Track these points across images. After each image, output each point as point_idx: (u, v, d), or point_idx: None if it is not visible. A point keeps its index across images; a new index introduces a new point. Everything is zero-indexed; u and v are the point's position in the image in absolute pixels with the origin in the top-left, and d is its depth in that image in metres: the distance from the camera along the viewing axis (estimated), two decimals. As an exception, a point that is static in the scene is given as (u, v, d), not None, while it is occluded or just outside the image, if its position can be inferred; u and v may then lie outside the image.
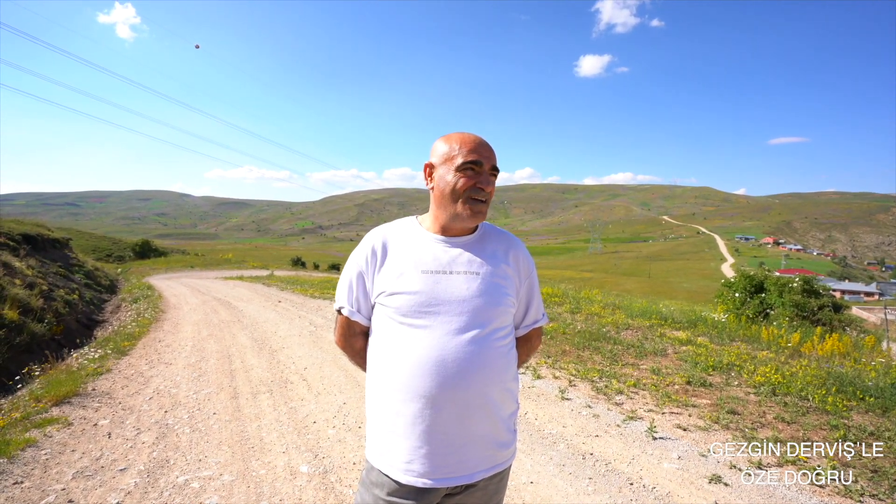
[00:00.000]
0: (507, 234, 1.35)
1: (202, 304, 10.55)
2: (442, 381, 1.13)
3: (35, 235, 13.98)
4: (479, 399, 1.16)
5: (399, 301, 1.19)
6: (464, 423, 1.15)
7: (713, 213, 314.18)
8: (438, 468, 1.15)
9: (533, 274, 1.36)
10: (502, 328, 1.23)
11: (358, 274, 1.28)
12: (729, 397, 3.97)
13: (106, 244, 40.21)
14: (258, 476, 2.81)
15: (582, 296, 9.87)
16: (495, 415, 1.19)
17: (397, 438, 1.17)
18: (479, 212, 1.22)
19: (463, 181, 1.20)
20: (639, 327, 6.75)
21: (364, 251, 1.28)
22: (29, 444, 3.21)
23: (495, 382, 1.19)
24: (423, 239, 1.26)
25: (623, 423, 3.51)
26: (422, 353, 1.15)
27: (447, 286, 1.19)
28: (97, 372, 5.01)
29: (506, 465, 1.25)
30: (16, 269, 9.17)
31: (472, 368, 1.15)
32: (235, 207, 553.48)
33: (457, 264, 1.22)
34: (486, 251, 1.27)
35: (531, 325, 1.38)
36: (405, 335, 1.18)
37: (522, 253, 1.33)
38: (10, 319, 6.58)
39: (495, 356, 1.19)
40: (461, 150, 1.21)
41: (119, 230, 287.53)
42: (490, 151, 1.24)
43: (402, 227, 1.30)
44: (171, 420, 3.70)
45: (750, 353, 5.35)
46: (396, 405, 1.17)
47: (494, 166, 1.25)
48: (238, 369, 5.15)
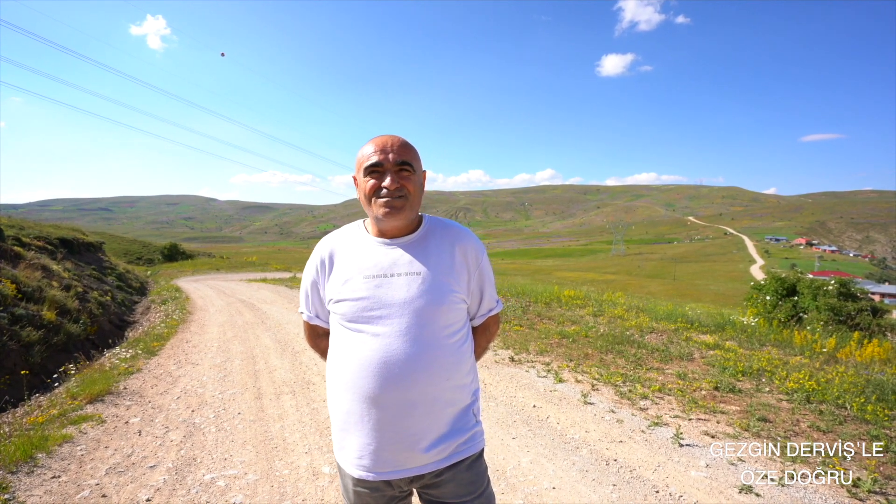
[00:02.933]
0: (452, 227, 1.35)
1: (227, 306, 10.81)
2: (384, 381, 1.18)
3: (71, 239, 14.60)
4: (424, 398, 1.20)
5: (345, 307, 1.25)
6: (409, 420, 1.19)
7: (741, 213, 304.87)
8: (386, 462, 1.21)
9: (483, 263, 1.35)
10: (449, 325, 1.25)
11: (312, 283, 1.37)
12: (759, 404, 3.83)
13: (136, 247, 41.70)
14: (281, 476, 2.85)
15: (604, 298, 9.70)
16: (442, 411, 1.23)
17: (349, 435, 1.24)
18: (393, 207, 1.23)
19: (370, 184, 1.24)
20: (664, 331, 6.59)
21: (314, 261, 1.35)
22: (66, 439, 3.35)
23: (442, 380, 1.22)
24: (366, 244, 1.30)
25: (648, 429, 3.42)
26: (367, 355, 1.20)
27: (388, 289, 1.23)
28: (128, 371, 5.19)
29: (465, 455, 1.26)
30: (53, 272, 9.59)
31: (416, 369, 1.18)
32: (259, 211, 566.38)
33: (398, 266, 1.25)
34: (429, 249, 1.28)
35: (486, 315, 1.40)
36: (352, 339, 1.23)
37: (470, 244, 1.32)
38: (49, 320, 6.88)
39: (442, 355, 1.22)
40: (366, 155, 1.25)
41: (149, 234, 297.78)
42: (395, 149, 1.24)
43: (349, 234, 1.35)
44: (198, 419, 3.80)
45: (782, 359, 5.15)
46: (347, 404, 1.23)
47: (403, 161, 1.23)
48: (262, 370, 5.25)
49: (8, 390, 4.97)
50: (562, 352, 5.66)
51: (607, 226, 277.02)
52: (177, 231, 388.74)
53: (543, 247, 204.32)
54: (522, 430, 3.45)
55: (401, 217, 1.25)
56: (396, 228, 1.28)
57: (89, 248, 16.01)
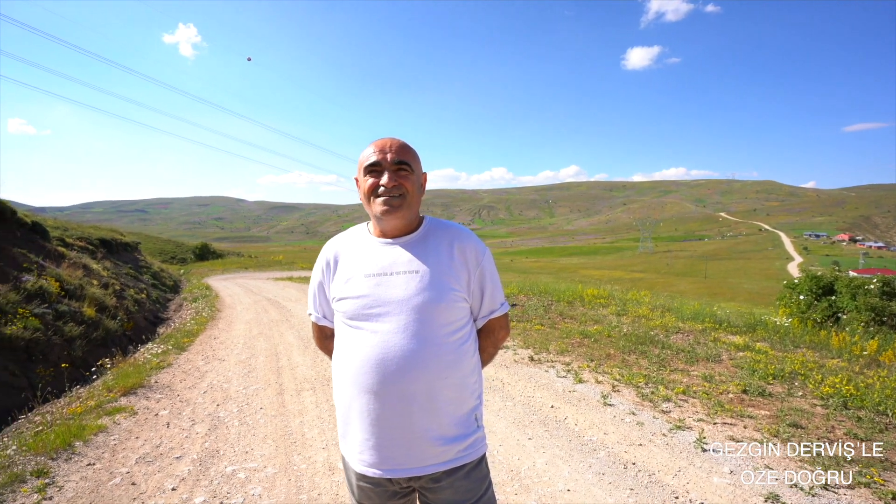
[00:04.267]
0: (452, 227, 1.36)
1: (254, 304, 11.12)
2: (384, 377, 1.19)
3: (109, 240, 15.30)
4: (423, 395, 1.20)
5: (346, 305, 1.28)
6: (407, 417, 1.20)
7: (777, 208, 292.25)
8: (385, 459, 1.22)
9: (484, 263, 1.34)
10: (449, 323, 1.25)
11: (318, 284, 1.42)
12: (791, 409, 3.67)
13: (170, 247, 43.38)
14: (299, 470, 2.92)
15: (629, 297, 9.48)
16: (442, 411, 1.22)
17: (352, 430, 1.27)
18: (391, 206, 1.25)
19: (369, 183, 1.27)
20: (690, 331, 6.39)
21: (320, 263, 1.39)
22: (101, 429, 3.53)
23: (441, 378, 1.22)
24: (368, 244, 1.33)
25: (670, 433, 3.33)
26: (367, 351, 1.22)
27: (388, 287, 1.25)
28: (159, 366, 5.41)
29: (464, 461, 1.25)
30: (93, 271, 10.08)
31: (414, 365, 1.19)
32: (286, 211, 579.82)
33: (397, 265, 1.27)
34: (429, 248, 1.30)
35: (488, 316, 1.38)
36: (354, 336, 1.26)
37: (470, 244, 1.33)
38: (89, 316, 7.24)
39: (441, 352, 1.22)
40: (366, 156, 1.28)
41: (181, 234, 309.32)
42: (393, 149, 1.27)
43: (353, 235, 1.38)
44: (223, 413, 3.92)
45: (817, 361, 4.91)
46: (349, 399, 1.26)
47: (400, 161, 1.26)
48: (284, 367, 5.38)
49: (52, 382, 5.26)
50: (583, 352, 5.57)
51: (634, 223, 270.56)
52: (208, 231, 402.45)
53: (568, 245, 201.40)
54: (539, 431, 3.42)
55: (398, 215, 1.26)
56: (396, 228, 1.30)
57: (126, 248, 16.75)
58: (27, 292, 6.32)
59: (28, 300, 6.21)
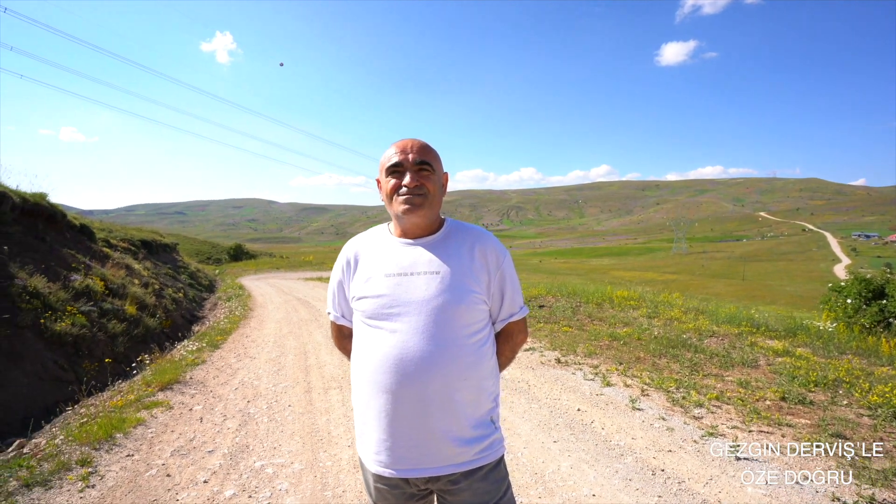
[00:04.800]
0: (473, 229, 1.36)
1: (284, 304, 11.42)
2: (402, 377, 1.20)
3: (150, 241, 16.06)
4: (440, 396, 1.20)
5: (366, 304, 1.28)
6: (424, 418, 1.20)
7: (823, 207, 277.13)
8: (401, 460, 1.22)
9: (505, 266, 1.33)
10: (468, 325, 1.25)
11: (338, 283, 1.42)
12: (835, 418, 3.46)
13: (206, 248, 45.13)
14: (325, 467, 2.97)
15: (660, 299, 9.20)
16: (459, 412, 1.22)
17: (369, 430, 1.26)
18: (413, 205, 1.25)
19: (391, 184, 1.28)
20: (725, 335, 6.14)
21: (341, 262, 1.40)
22: (140, 422, 3.70)
23: (459, 380, 1.21)
24: (389, 244, 1.33)
25: (701, 439, 3.21)
26: (385, 350, 1.22)
27: (408, 287, 1.25)
28: (194, 363, 5.63)
29: (483, 463, 1.24)
30: (135, 271, 10.61)
31: (432, 366, 1.19)
32: (316, 212, 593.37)
33: (418, 265, 1.27)
34: (450, 249, 1.30)
35: (507, 319, 1.37)
36: (372, 335, 1.26)
37: (490, 246, 1.32)
38: (130, 314, 7.62)
39: (460, 354, 1.22)
40: (388, 157, 1.29)
41: (217, 235, 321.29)
42: (414, 150, 1.28)
43: (374, 235, 1.39)
44: (253, 409, 4.05)
45: (864, 369, 4.62)
46: (366, 399, 1.26)
47: (422, 161, 1.27)
48: (312, 365, 5.50)
49: (96, 376, 5.56)
50: (611, 354, 5.44)
51: (668, 223, 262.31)
52: (241, 232, 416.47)
53: (599, 245, 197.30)
54: (565, 434, 3.36)
55: (420, 214, 1.26)
56: (417, 228, 1.30)
57: (165, 249, 17.54)
58: (75, 291, 6.70)
59: (76, 298, 6.59)
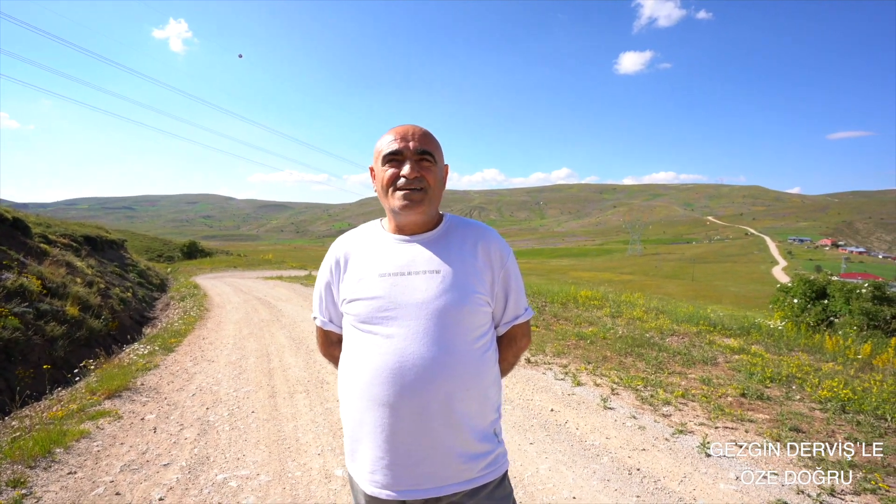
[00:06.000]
0: (475, 225, 1.26)
1: (244, 304, 10.91)
2: (400, 389, 1.08)
3: (95, 237, 14.94)
4: (442, 408, 1.09)
5: (358, 307, 1.16)
6: (426, 433, 1.09)
7: (763, 213, 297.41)
8: (401, 480, 1.11)
9: (509, 264, 1.24)
10: (472, 329, 1.15)
11: (326, 285, 1.29)
12: (791, 413, 3.64)
13: (157, 245, 42.62)
14: (294, 478, 2.80)
15: (623, 299, 9.49)
16: (463, 425, 1.12)
17: (362, 447, 1.15)
18: (411, 199, 1.14)
19: (388, 174, 1.16)
20: (685, 333, 6.39)
21: (329, 262, 1.28)
22: (83, 435, 3.37)
23: (462, 390, 1.11)
24: (383, 240, 1.22)
25: (672, 437, 3.28)
26: (381, 359, 1.11)
27: (405, 288, 1.14)
28: (146, 367, 5.23)
29: (487, 480, 1.15)
30: (77, 269, 9.80)
31: (433, 376, 1.09)
32: (276, 210, 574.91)
33: (416, 264, 1.16)
34: (450, 246, 1.19)
35: (511, 322, 1.28)
36: (366, 342, 1.14)
37: (494, 243, 1.22)
38: (72, 315, 7.01)
39: (463, 361, 1.12)
40: (385, 143, 1.17)
41: (169, 232, 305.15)
42: (416, 137, 1.16)
43: (365, 232, 1.27)
44: (213, 417, 3.79)
45: (813, 365, 4.92)
46: (359, 413, 1.14)
47: (423, 150, 1.15)
48: (276, 368, 5.24)
49: (31, 384, 5.06)
50: (579, 354, 5.52)
51: (624, 225, 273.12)
52: (196, 229, 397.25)
53: (558, 246, 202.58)
54: (540, 435, 3.35)
55: (419, 211, 1.16)
56: (415, 224, 1.19)
57: (112, 246, 16.37)
58: (7, 290, 6.09)
59: (7, 299, 5.99)
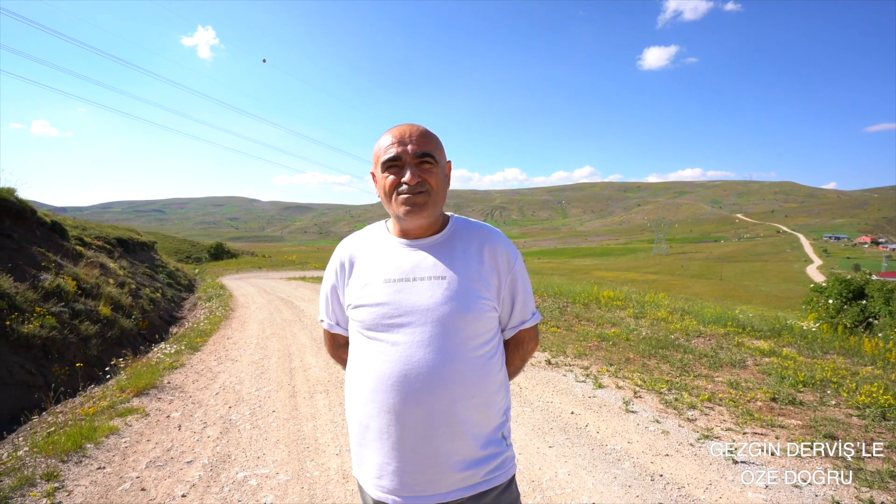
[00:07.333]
0: (482, 227, 1.23)
1: (267, 304, 11.14)
2: (405, 396, 1.08)
3: (126, 239, 15.51)
4: (446, 415, 1.09)
5: (363, 314, 1.16)
6: (431, 439, 1.09)
7: (796, 210, 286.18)
8: (407, 486, 1.11)
9: (516, 268, 1.21)
10: (477, 336, 1.14)
11: (331, 288, 1.29)
12: (825, 419, 3.47)
13: (185, 247, 44.01)
14: (312, 477, 2.83)
15: (647, 300, 9.26)
16: (467, 431, 1.11)
17: (368, 452, 1.16)
18: (415, 205, 1.11)
19: (389, 181, 1.14)
20: (712, 335, 6.18)
21: (334, 265, 1.27)
22: (112, 431, 3.48)
23: (466, 397, 1.11)
24: (388, 245, 1.21)
25: (697, 443, 3.17)
26: (386, 366, 1.11)
27: (410, 295, 1.12)
28: (172, 366, 5.39)
29: (493, 484, 1.14)
30: (110, 270, 10.19)
31: (438, 383, 1.08)
32: (299, 211, 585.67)
33: (420, 269, 1.15)
34: (456, 250, 1.17)
35: (518, 327, 1.25)
36: (371, 348, 1.14)
37: (501, 246, 1.20)
38: (104, 315, 7.28)
39: (468, 368, 1.11)
40: (383, 148, 1.15)
41: (197, 234, 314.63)
42: (414, 139, 1.12)
43: (370, 235, 1.26)
44: (235, 416, 3.86)
45: (850, 369, 4.69)
46: (365, 419, 1.14)
47: (423, 153, 1.12)
48: (297, 368, 5.32)
49: (67, 381, 5.28)
50: (601, 355, 5.40)
51: (648, 224, 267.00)
52: (222, 231, 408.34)
53: (581, 246, 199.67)
54: (560, 439, 3.28)
55: (423, 215, 1.14)
56: (420, 227, 1.18)
57: (143, 248, 16.97)
58: (45, 291, 6.37)
59: (45, 299, 6.26)
